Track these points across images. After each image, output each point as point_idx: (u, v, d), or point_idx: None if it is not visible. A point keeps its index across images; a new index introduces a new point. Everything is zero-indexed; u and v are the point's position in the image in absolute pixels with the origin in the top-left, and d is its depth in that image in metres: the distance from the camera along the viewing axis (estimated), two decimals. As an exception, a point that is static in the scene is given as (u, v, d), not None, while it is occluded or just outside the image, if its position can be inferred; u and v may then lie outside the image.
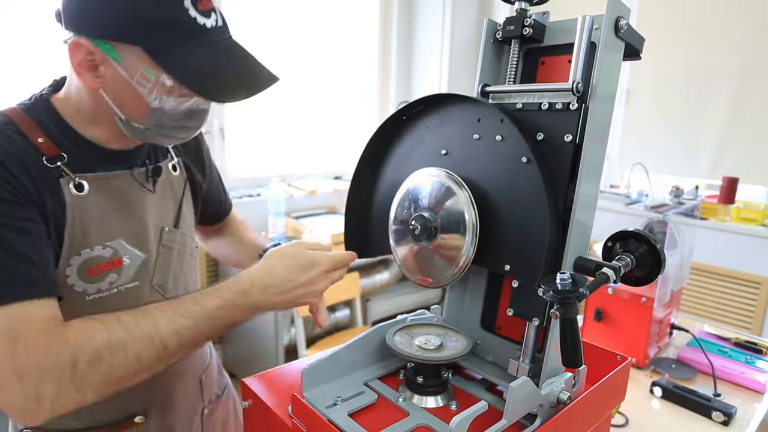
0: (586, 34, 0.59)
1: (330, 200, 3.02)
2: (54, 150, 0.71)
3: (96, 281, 0.74)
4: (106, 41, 0.65)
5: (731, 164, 2.66)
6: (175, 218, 0.88)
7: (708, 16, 2.66)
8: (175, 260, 0.87)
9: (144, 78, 0.67)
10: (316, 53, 2.99)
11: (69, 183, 0.71)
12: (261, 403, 0.70)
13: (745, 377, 1.24)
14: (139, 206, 0.80)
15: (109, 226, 0.76)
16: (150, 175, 0.82)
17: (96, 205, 0.74)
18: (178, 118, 0.72)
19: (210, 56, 0.68)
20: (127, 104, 0.70)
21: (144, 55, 0.66)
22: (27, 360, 0.59)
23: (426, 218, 0.67)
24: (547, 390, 0.60)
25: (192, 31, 0.66)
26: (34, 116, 0.72)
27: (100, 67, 0.68)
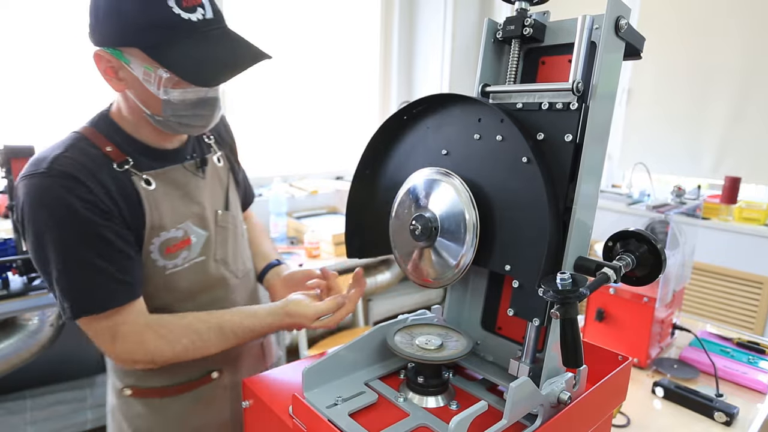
0: (586, 34, 0.59)
1: (331, 200, 3.02)
2: (121, 156, 0.85)
3: (173, 258, 0.90)
4: (116, 48, 0.78)
5: (733, 164, 2.65)
6: (224, 202, 1.02)
7: (710, 15, 2.65)
8: (231, 238, 1.02)
9: (147, 74, 0.78)
10: (317, 53, 2.99)
11: (140, 181, 0.85)
12: (262, 403, 0.70)
13: (748, 377, 1.24)
14: (197, 192, 0.95)
15: (178, 211, 0.90)
16: (198, 165, 0.97)
17: (164, 195, 0.89)
18: (189, 107, 0.82)
19: (195, 46, 0.77)
20: (146, 100, 0.82)
21: (142, 54, 0.76)
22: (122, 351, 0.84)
23: (426, 218, 0.67)
24: (548, 390, 0.60)
25: (177, 27, 0.76)
26: (100, 130, 0.86)
27: (119, 72, 0.80)
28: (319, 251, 2.42)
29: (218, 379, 1.01)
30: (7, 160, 1.56)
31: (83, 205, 0.77)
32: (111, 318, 0.82)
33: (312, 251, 2.40)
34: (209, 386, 1.00)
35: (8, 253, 1.64)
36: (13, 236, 1.64)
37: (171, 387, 0.97)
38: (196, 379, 0.99)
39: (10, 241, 1.65)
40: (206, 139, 1.03)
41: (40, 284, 1.68)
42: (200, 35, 0.78)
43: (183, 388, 0.98)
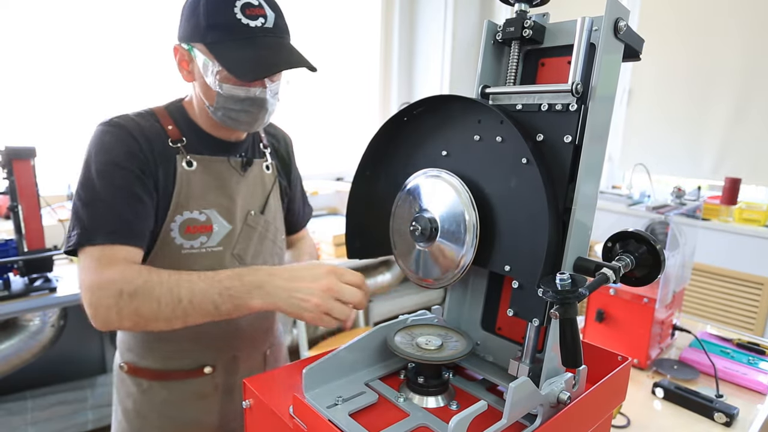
0: (585, 36, 0.60)
1: (332, 201, 3.02)
2: (177, 134, 0.96)
3: (191, 239, 0.95)
4: (188, 43, 0.91)
5: (734, 165, 2.65)
6: (261, 206, 1.07)
7: (710, 15, 2.65)
8: (256, 239, 1.05)
9: (206, 67, 0.90)
10: (317, 54, 2.99)
11: (182, 160, 0.95)
12: (262, 403, 0.70)
13: (748, 378, 1.24)
14: (232, 187, 1.01)
15: (207, 197, 0.97)
16: (243, 164, 1.04)
17: (199, 179, 0.96)
18: (238, 101, 0.92)
19: (244, 47, 0.87)
20: (206, 91, 0.93)
21: (205, 50, 0.89)
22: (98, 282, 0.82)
23: (426, 219, 0.67)
24: (547, 390, 0.60)
25: (235, 29, 0.87)
26: (169, 111, 0.99)
27: (189, 64, 0.94)
28: (319, 252, 2.42)
29: (211, 375, 1.02)
30: (8, 161, 1.57)
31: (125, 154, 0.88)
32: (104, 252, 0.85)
33: (312, 252, 2.40)
34: (200, 381, 1.01)
35: (9, 254, 1.65)
36: (14, 237, 1.64)
37: (162, 371, 0.99)
38: (188, 369, 1.00)
39: (11, 242, 1.65)
40: (262, 146, 1.12)
41: (41, 285, 1.69)
42: (253, 39, 0.88)
43: (173, 375, 0.99)
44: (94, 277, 0.83)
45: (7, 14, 1.97)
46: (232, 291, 0.81)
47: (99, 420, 2.12)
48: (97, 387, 2.21)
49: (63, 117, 2.14)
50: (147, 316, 0.81)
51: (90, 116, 2.12)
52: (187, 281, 0.82)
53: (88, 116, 2.13)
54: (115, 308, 0.81)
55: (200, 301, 0.81)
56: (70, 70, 2.13)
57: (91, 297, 0.82)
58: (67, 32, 2.10)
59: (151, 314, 0.81)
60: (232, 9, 0.86)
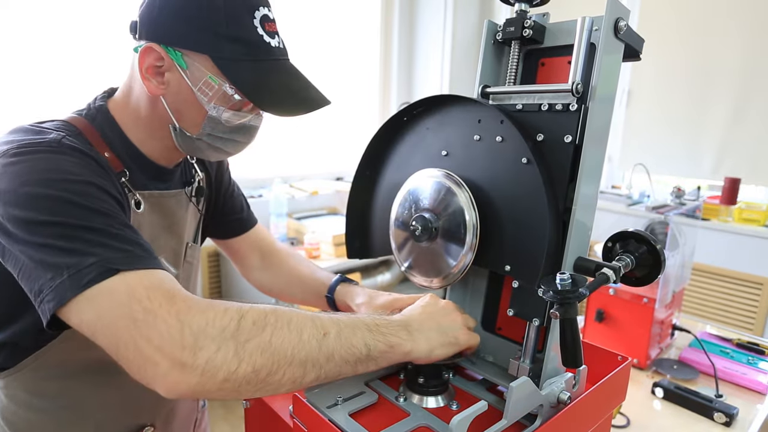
0: (585, 36, 0.60)
1: (331, 201, 3.02)
2: (119, 166, 0.73)
3: None
4: (178, 49, 0.69)
5: (733, 165, 2.66)
6: (195, 234, 0.92)
7: (710, 16, 2.66)
8: (192, 275, 0.91)
9: (207, 86, 0.70)
10: (317, 54, 3.00)
11: (131, 200, 0.73)
12: (262, 403, 0.70)
13: (747, 378, 1.24)
14: (182, 224, 0.84)
15: (156, 244, 0.77)
16: (194, 194, 0.87)
17: (148, 224, 0.77)
18: (230, 131, 0.75)
19: (270, 72, 0.72)
20: (185, 112, 0.73)
21: (211, 64, 0.69)
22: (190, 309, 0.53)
23: (426, 219, 0.67)
24: (548, 390, 0.60)
25: (257, 48, 0.71)
26: (98, 128, 0.74)
27: (166, 74, 0.71)
28: (319, 252, 2.43)
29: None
30: None
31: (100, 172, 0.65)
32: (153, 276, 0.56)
33: (312, 252, 2.40)
34: None
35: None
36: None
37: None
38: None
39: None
40: (189, 158, 0.90)
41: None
42: (274, 62, 0.74)
43: None
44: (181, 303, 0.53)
45: (7, 14, 1.97)
46: (382, 328, 0.61)
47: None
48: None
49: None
50: (281, 355, 0.54)
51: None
52: (327, 315, 0.60)
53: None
54: (233, 342, 0.52)
55: (348, 337, 0.58)
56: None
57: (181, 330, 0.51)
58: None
59: (289, 352, 0.54)
60: (251, 21, 0.70)
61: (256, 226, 1.07)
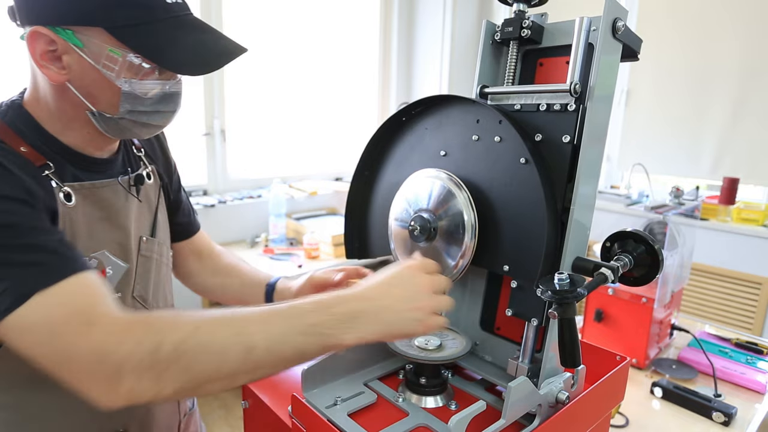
0: (583, 36, 0.60)
1: (330, 201, 3.02)
2: (39, 159, 0.68)
3: None
4: (67, 27, 0.63)
5: (732, 165, 2.66)
6: (151, 227, 0.86)
7: (708, 16, 2.66)
8: (154, 270, 0.85)
9: (110, 60, 0.65)
10: (317, 55, 3.00)
11: (59, 192, 0.69)
12: (261, 403, 0.70)
13: (746, 378, 1.24)
14: (124, 215, 0.79)
15: (95, 236, 0.74)
16: (133, 183, 0.81)
17: (83, 216, 0.72)
18: (152, 102, 0.70)
19: (173, 30, 0.67)
20: (98, 93, 0.68)
21: (107, 36, 0.64)
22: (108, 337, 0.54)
23: (425, 219, 0.67)
24: (546, 390, 0.60)
25: (153, 7, 0.65)
26: (10, 124, 0.69)
27: (63, 57, 0.65)
28: (318, 252, 2.42)
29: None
30: None
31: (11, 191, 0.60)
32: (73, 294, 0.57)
33: (311, 252, 2.40)
34: None
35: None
36: None
37: None
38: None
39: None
40: (135, 150, 0.86)
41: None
42: (175, 19, 0.67)
43: None
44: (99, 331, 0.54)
45: None
46: (320, 328, 0.58)
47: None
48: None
49: None
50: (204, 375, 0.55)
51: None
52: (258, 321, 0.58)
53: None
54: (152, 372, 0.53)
55: (279, 349, 0.57)
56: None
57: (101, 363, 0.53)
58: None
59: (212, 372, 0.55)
60: None
61: (199, 231, 1.03)
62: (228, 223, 2.61)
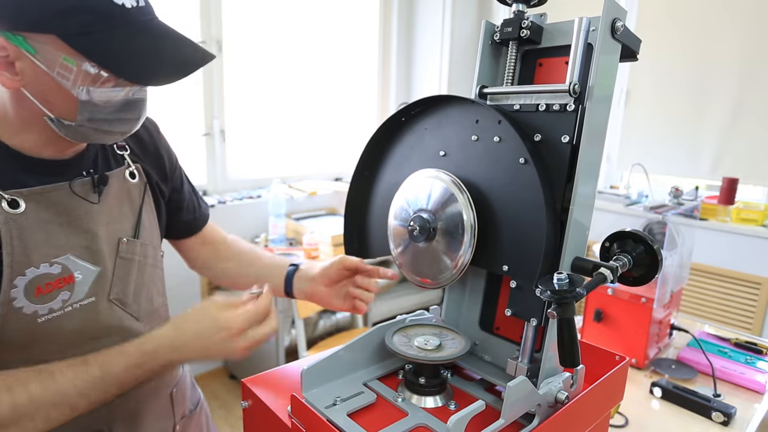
0: (582, 36, 0.60)
1: (330, 201, 3.02)
2: None
3: (47, 301, 0.70)
4: (17, 33, 0.61)
5: (731, 165, 2.66)
6: (134, 228, 0.83)
7: (708, 16, 2.66)
8: (136, 272, 0.83)
9: (65, 68, 0.62)
10: (316, 55, 3.00)
11: (1, 201, 0.66)
12: (261, 403, 0.70)
13: (745, 378, 1.24)
14: (86, 218, 0.76)
15: (55, 241, 0.71)
16: (96, 184, 0.77)
17: (36, 221, 0.70)
18: (113, 110, 0.67)
19: (132, 38, 0.64)
20: (55, 101, 0.66)
21: (61, 43, 0.61)
22: None
23: (424, 219, 0.67)
24: (545, 390, 0.60)
25: (110, 13, 0.62)
26: None
27: (16, 63, 0.63)
28: (318, 252, 2.43)
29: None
30: None
31: None
32: None
33: (311, 252, 2.40)
34: None
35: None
36: None
37: None
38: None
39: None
40: (117, 149, 0.84)
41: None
42: (133, 25, 0.64)
43: None
44: None
45: None
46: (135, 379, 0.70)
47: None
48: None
49: None
50: None
51: None
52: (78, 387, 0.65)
53: None
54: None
55: (102, 400, 0.67)
56: None
57: None
58: None
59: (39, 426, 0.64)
60: None
61: (207, 224, 1.04)
62: (227, 223, 2.62)
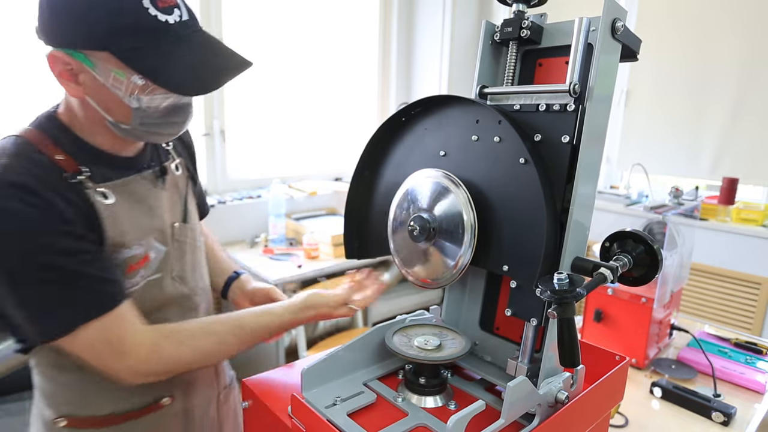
0: (583, 36, 0.60)
1: (330, 201, 3.02)
2: (74, 166, 0.75)
3: (132, 277, 0.82)
4: (78, 50, 0.69)
5: (731, 165, 2.66)
6: (182, 214, 0.94)
7: (708, 16, 2.66)
8: (189, 253, 0.94)
9: (117, 80, 0.71)
10: (316, 55, 3.00)
11: (95, 194, 0.76)
12: (261, 403, 0.70)
13: (745, 378, 1.24)
14: (156, 205, 0.87)
15: (141, 226, 0.83)
16: (158, 175, 0.89)
17: (123, 209, 0.80)
18: (162, 115, 0.76)
19: (173, 51, 0.71)
20: (112, 107, 0.74)
21: (112, 59, 0.69)
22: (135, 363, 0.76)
23: (425, 219, 0.67)
24: (545, 389, 0.60)
25: (154, 29, 0.70)
26: (48, 133, 0.76)
27: (79, 76, 0.72)
28: (317, 252, 2.42)
29: (169, 405, 0.91)
30: None
31: (37, 214, 0.69)
32: (107, 328, 0.73)
33: (311, 252, 2.40)
34: (158, 414, 0.90)
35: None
36: None
37: (115, 416, 0.85)
38: (144, 406, 0.88)
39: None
40: (165, 145, 0.95)
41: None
42: (178, 39, 0.72)
43: (129, 416, 0.86)
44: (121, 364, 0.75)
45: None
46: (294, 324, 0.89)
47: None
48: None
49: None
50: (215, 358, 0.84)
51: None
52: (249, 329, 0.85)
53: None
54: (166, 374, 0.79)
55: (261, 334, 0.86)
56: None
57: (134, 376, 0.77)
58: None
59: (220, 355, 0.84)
60: (140, 3, 0.68)
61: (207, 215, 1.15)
62: (227, 223, 2.61)
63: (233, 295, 1.10)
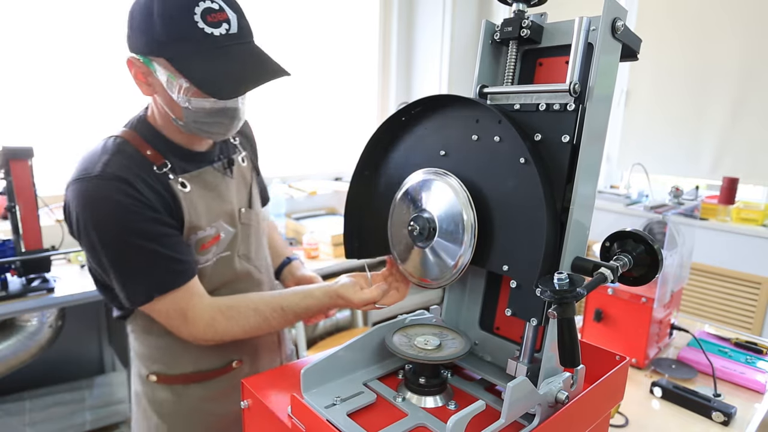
0: (583, 36, 0.60)
1: (330, 201, 3.02)
2: (160, 159, 0.92)
3: (205, 254, 0.98)
4: (146, 56, 0.84)
5: (731, 164, 2.66)
6: (248, 200, 1.10)
7: (708, 16, 2.66)
8: (253, 235, 1.09)
9: (170, 83, 0.84)
10: (316, 55, 2.99)
11: (176, 184, 0.93)
12: (260, 403, 0.70)
13: (745, 377, 1.24)
14: (226, 192, 1.02)
15: (213, 210, 0.98)
16: (226, 166, 1.04)
17: (199, 197, 0.96)
18: (211, 115, 0.88)
19: (214, 60, 0.82)
20: (171, 106, 0.88)
21: (167, 64, 0.82)
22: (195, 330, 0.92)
23: (425, 219, 0.67)
24: (545, 389, 0.60)
25: (201, 42, 0.81)
26: (140, 133, 0.93)
27: (148, 77, 0.87)
28: (317, 252, 2.42)
29: (239, 368, 1.07)
30: (5, 161, 1.56)
31: (132, 202, 0.85)
32: (177, 300, 0.90)
33: (311, 252, 2.40)
34: (230, 375, 1.06)
35: (7, 255, 1.64)
36: (12, 237, 1.64)
37: (195, 374, 1.03)
38: (218, 367, 1.05)
39: (8, 242, 1.65)
40: (232, 140, 1.10)
41: (39, 285, 1.68)
42: (221, 49, 0.83)
43: (206, 375, 1.04)
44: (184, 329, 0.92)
45: (5, 14, 1.97)
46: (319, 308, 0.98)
47: (97, 421, 2.11)
48: (95, 387, 2.21)
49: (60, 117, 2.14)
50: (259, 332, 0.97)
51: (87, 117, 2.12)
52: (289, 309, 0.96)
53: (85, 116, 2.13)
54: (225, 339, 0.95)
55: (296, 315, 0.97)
56: (67, 71, 2.12)
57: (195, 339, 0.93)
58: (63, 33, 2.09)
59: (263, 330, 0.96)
60: (191, 17, 0.80)
61: None
62: (227, 223, 2.61)
63: (284, 278, 1.26)
